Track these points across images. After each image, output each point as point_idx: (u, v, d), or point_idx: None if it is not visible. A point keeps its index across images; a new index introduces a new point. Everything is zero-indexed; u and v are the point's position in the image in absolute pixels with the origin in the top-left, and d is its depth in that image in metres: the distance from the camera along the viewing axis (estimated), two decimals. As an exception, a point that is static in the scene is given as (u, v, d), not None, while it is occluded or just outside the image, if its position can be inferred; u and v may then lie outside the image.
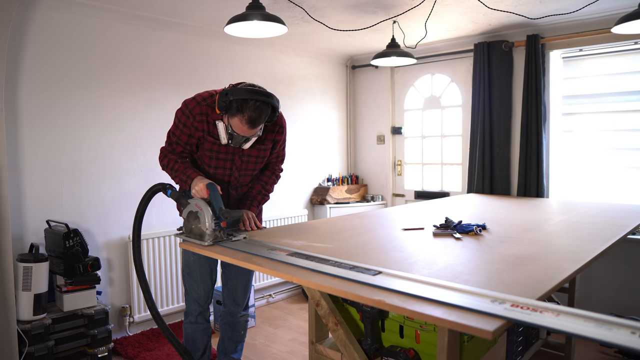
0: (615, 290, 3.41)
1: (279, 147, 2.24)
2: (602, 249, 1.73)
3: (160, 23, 3.37)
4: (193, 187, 1.96)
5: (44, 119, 2.89)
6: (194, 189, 1.95)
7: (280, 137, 2.20)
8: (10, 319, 2.43)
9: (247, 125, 1.90)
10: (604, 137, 3.61)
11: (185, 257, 2.27)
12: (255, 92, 1.87)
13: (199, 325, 2.28)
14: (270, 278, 4.07)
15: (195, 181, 1.98)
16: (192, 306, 2.27)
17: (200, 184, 1.93)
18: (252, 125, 1.90)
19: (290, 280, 1.42)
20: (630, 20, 2.34)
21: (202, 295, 2.26)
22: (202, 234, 1.86)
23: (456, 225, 2.13)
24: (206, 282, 2.26)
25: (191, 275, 2.25)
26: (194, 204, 1.91)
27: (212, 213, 1.85)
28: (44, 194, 2.90)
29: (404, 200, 4.73)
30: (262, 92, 1.89)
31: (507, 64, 3.84)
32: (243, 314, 2.39)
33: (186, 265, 2.27)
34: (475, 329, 1.00)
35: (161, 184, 2.04)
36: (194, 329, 2.27)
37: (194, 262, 2.23)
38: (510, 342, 2.14)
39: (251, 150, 2.12)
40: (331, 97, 4.85)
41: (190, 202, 1.93)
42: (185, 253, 2.27)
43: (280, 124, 2.17)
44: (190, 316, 2.28)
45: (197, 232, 1.89)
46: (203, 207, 1.86)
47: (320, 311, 1.59)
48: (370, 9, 3.16)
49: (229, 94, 1.86)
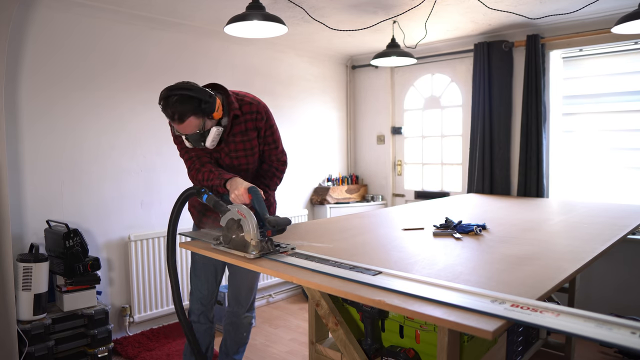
0: (615, 290, 3.41)
1: (264, 133, 2.16)
2: (602, 249, 1.73)
3: (159, 23, 3.37)
4: (232, 191, 1.79)
5: (44, 118, 2.89)
6: (233, 193, 1.78)
7: (262, 123, 2.13)
8: (10, 319, 2.43)
9: (176, 122, 1.85)
10: (604, 137, 3.60)
11: (193, 256, 2.28)
12: (172, 88, 1.83)
13: (201, 325, 2.28)
14: (270, 278, 4.07)
15: (233, 183, 1.81)
16: (195, 305, 2.27)
17: (241, 188, 1.76)
18: (179, 121, 1.84)
19: (290, 280, 1.42)
20: (630, 20, 2.34)
21: (205, 294, 2.26)
22: (245, 245, 1.65)
23: (456, 225, 2.13)
24: (210, 282, 2.26)
25: (196, 274, 2.25)
26: (235, 211, 1.69)
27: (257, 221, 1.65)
28: (44, 194, 2.90)
29: (404, 200, 4.73)
30: (182, 86, 1.84)
31: (507, 64, 3.84)
32: (246, 315, 2.37)
33: (192, 264, 2.28)
34: (475, 329, 1.00)
35: (195, 187, 1.90)
36: (196, 328, 2.27)
37: (199, 261, 2.23)
38: (510, 342, 2.14)
39: (237, 145, 2.09)
40: (331, 97, 4.85)
41: (231, 208, 1.72)
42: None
43: (258, 110, 2.11)
44: (193, 315, 2.28)
45: (240, 242, 1.67)
46: (246, 215, 1.64)
47: (320, 311, 1.59)
48: (370, 9, 3.16)
49: (160, 97, 1.84)
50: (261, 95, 4.09)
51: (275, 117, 2.27)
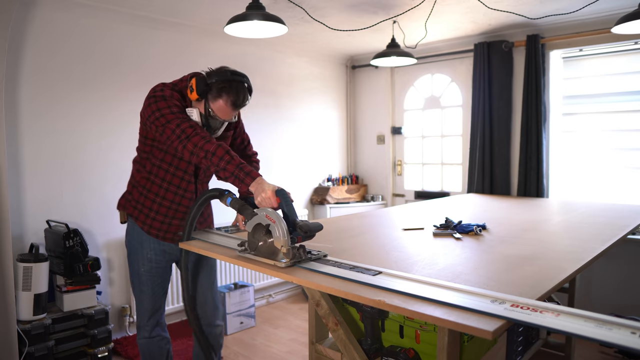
0: (615, 290, 3.41)
1: (238, 131, 2.17)
2: (602, 249, 1.73)
3: (160, 23, 3.37)
4: (257, 195, 1.60)
5: (45, 118, 2.89)
6: (260, 196, 1.59)
7: (239, 123, 2.16)
8: (10, 319, 2.43)
9: (231, 107, 1.84)
10: (604, 137, 3.61)
11: (134, 266, 2.06)
12: (236, 74, 1.85)
13: (153, 340, 2.09)
14: (270, 278, 4.07)
15: (258, 187, 1.61)
16: (144, 320, 2.07)
17: (268, 191, 1.58)
18: (235, 107, 1.85)
19: (290, 280, 1.42)
20: (630, 20, 2.34)
21: (156, 307, 2.08)
22: (274, 252, 1.53)
23: (456, 225, 2.13)
24: (160, 296, 2.09)
25: (141, 289, 2.05)
26: (263, 215, 1.55)
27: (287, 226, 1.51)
28: (44, 194, 2.90)
29: (404, 200, 4.73)
30: (241, 73, 1.87)
31: (507, 64, 3.84)
32: (218, 324, 2.19)
33: (135, 275, 2.06)
34: (475, 329, 1.00)
35: (218, 189, 1.75)
36: (150, 344, 2.09)
37: (146, 273, 2.04)
38: (510, 342, 2.14)
39: (226, 140, 2.07)
40: (331, 97, 4.85)
41: (258, 212, 1.57)
42: (133, 261, 2.06)
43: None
44: (144, 331, 2.08)
45: (269, 249, 1.55)
46: (276, 219, 1.51)
47: (320, 311, 1.59)
48: (370, 9, 3.17)
49: (212, 76, 1.83)
50: (261, 95, 4.12)
51: (275, 117, 2.28)
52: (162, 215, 2.02)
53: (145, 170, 2.00)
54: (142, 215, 2.02)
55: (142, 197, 2.02)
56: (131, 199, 2.06)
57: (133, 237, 2.06)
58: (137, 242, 2.05)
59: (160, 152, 1.96)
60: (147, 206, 2.01)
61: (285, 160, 4.41)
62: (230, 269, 3.81)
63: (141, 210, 2.02)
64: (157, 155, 1.97)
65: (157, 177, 1.99)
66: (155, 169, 1.98)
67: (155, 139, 1.94)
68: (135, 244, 2.06)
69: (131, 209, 2.05)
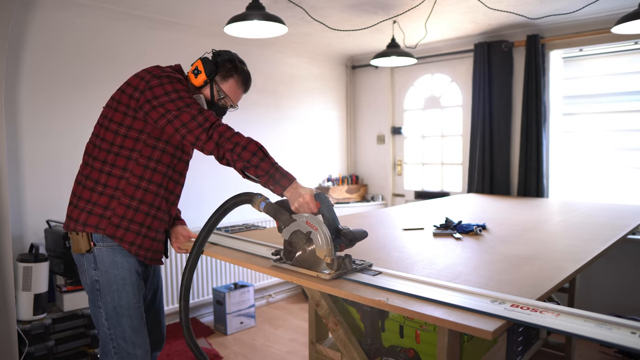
0: (615, 290, 3.41)
1: None
2: (602, 249, 1.73)
3: (158, 22, 3.37)
4: (294, 200, 1.42)
5: (44, 118, 2.89)
6: (298, 201, 1.41)
7: None
8: (10, 319, 2.43)
9: (242, 87, 1.77)
10: (604, 137, 3.61)
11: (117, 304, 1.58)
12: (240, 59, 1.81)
13: None
14: (270, 278, 4.07)
15: (294, 190, 1.42)
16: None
17: (306, 195, 1.40)
18: (245, 88, 1.79)
19: (290, 280, 1.42)
20: (630, 20, 2.34)
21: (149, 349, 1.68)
22: (316, 263, 1.38)
23: (456, 225, 2.13)
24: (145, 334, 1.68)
25: (136, 331, 1.61)
26: (302, 221, 1.40)
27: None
28: (44, 194, 2.90)
29: (404, 200, 4.73)
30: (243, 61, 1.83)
31: (507, 64, 3.84)
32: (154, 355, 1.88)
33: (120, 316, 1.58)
34: (475, 329, 1.00)
35: (249, 193, 1.51)
36: None
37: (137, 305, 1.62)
38: (510, 342, 2.14)
39: None
40: (331, 97, 4.85)
41: (297, 218, 1.42)
42: (115, 298, 1.58)
43: None
44: None
45: (310, 259, 1.40)
46: (318, 226, 1.36)
47: (320, 311, 1.59)
48: (370, 9, 3.16)
49: (221, 54, 1.74)
50: (261, 95, 4.12)
51: (275, 117, 2.27)
52: (154, 230, 1.65)
53: (133, 174, 1.60)
54: (129, 234, 1.59)
55: (129, 210, 1.59)
56: (111, 214, 1.58)
57: (112, 266, 1.59)
58: (119, 270, 1.59)
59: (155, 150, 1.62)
60: (137, 221, 1.60)
61: (285, 160, 4.39)
62: (230, 269, 3.80)
63: (127, 228, 1.59)
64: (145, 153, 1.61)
65: (150, 183, 1.62)
66: (148, 172, 1.61)
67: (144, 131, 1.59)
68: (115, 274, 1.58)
69: (112, 228, 1.57)
